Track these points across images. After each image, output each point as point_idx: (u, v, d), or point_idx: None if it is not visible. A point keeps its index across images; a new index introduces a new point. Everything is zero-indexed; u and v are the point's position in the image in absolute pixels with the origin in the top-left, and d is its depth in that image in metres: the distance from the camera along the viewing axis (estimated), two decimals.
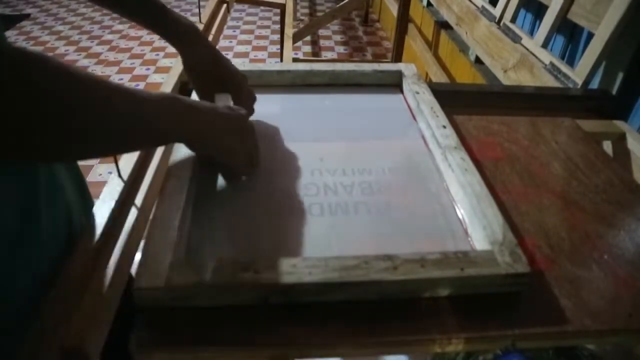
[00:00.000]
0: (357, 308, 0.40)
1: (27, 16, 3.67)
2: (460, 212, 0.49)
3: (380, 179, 0.53)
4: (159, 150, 0.64)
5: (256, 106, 0.66)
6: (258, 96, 0.69)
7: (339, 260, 0.40)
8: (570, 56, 1.07)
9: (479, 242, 0.44)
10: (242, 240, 0.45)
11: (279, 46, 2.89)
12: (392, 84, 0.73)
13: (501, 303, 0.41)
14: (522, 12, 1.24)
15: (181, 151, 0.52)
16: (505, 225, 0.45)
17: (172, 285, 0.38)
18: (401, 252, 0.42)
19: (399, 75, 0.72)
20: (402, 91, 0.72)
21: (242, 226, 0.47)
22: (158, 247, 0.40)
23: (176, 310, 0.39)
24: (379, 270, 0.40)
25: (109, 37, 3.32)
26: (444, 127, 0.59)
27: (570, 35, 1.06)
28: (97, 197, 0.52)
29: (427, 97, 0.65)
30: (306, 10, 4.01)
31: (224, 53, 0.61)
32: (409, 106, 0.68)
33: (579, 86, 0.85)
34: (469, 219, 0.47)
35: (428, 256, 0.41)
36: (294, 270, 0.39)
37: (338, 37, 3.48)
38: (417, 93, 0.66)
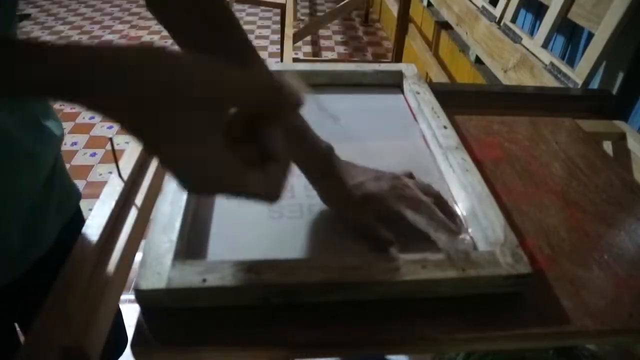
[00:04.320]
0: (359, 308, 0.40)
1: (27, 16, 3.67)
2: (462, 213, 0.49)
3: None
4: None
5: None
6: None
7: (339, 261, 0.40)
8: (570, 56, 1.07)
9: (480, 242, 0.44)
10: (243, 240, 0.45)
11: (279, 46, 2.89)
12: (393, 84, 0.73)
13: (501, 303, 0.41)
14: (522, 12, 1.24)
15: None
16: (507, 226, 0.44)
17: (173, 286, 0.38)
18: (402, 252, 0.42)
19: (400, 75, 0.72)
20: (402, 91, 0.72)
21: (244, 227, 0.47)
22: (159, 248, 0.40)
23: (176, 310, 0.39)
24: (380, 271, 0.40)
25: (110, 37, 3.32)
26: (445, 127, 0.59)
27: (570, 35, 1.06)
28: (97, 197, 0.53)
29: (428, 97, 0.65)
30: (306, 10, 4.01)
31: None
32: (409, 106, 0.68)
33: (579, 86, 0.85)
34: (470, 220, 0.47)
35: (429, 257, 0.41)
36: (294, 271, 0.39)
37: (338, 37, 3.48)
38: (418, 93, 0.66)
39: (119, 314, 0.69)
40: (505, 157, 0.61)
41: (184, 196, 0.46)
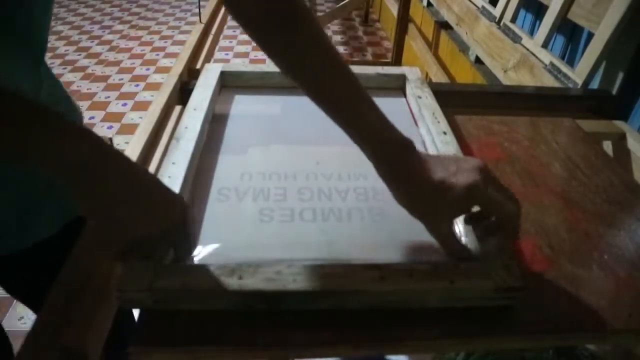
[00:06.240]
0: (346, 317, 0.39)
1: None
2: (456, 223, 0.48)
3: (376, 185, 0.52)
4: (160, 151, 0.64)
5: (256, 107, 0.66)
6: (260, 97, 0.69)
7: (324, 268, 0.40)
8: (570, 56, 1.07)
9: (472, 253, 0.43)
10: (233, 243, 0.45)
11: None
12: (396, 87, 0.72)
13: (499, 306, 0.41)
14: (522, 12, 1.24)
15: (176, 153, 0.52)
16: (500, 237, 0.43)
17: (155, 288, 0.37)
18: (393, 261, 0.41)
19: (403, 79, 0.71)
20: (405, 95, 0.71)
21: (235, 229, 0.46)
22: None
23: (176, 310, 0.39)
24: (366, 279, 0.39)
25: (109, 37, 3.32)
26: (445, 133, 0.58)
27: (570, 35, 1.06)
28: None
29: (430, 101, 0.64)
30: None
31: (223, 53, 0.60)
32: (411, 111, 0.67)
33: (579, 86, 0.85)
34: (463, 230, 0.46)
35: (417, 267, 0.40)
36: (278, 277, 0.38)
37: (338, 37, 3.48)
38: (420, 97, 0.65)
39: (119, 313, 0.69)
40: (505, 157, 0.61)
41: None
